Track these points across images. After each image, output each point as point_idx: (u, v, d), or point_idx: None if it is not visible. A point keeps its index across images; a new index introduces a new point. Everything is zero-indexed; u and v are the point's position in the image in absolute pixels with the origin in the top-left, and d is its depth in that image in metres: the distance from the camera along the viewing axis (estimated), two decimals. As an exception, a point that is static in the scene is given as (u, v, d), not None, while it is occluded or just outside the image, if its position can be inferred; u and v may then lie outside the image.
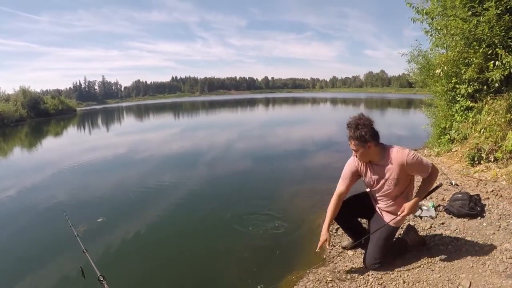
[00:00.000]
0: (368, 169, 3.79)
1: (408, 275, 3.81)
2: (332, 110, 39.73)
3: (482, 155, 6.95)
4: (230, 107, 51.12)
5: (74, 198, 8.03)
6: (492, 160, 6.76)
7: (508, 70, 6.49)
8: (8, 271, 4.98)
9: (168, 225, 6.42)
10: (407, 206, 3.64)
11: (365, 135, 3.41)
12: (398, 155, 3.52)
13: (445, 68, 8.20)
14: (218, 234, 5.84)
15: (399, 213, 3.70)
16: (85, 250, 3.48)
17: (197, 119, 35.35)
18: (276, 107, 49.27)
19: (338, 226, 4.55)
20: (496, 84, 7.06)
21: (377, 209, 4.08)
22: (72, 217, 6.30)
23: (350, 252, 4.53)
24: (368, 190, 4.16)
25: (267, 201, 7.10)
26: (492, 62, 6.80)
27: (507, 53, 6.46)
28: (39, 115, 43.43)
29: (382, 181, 3.72)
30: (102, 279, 2.97)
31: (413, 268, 3.92)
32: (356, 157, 3.68)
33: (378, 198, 3.98)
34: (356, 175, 3.91)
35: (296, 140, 16.20)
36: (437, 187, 4.12)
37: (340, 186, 3.96)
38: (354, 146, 3.54)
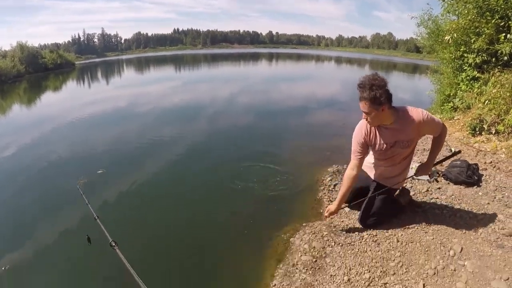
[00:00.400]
0: (378, 135, 3.57)
1: (402, 235, 3.92)
2: (336, 69, 39.28)
3: (483, 126, 6.96)
4: (232, 61, 50.27)
5: (75, 151, 7.99)
6: (493, 132, 6.78)
7: (518, 44, 6.43)
8: (13, 233, 4.83)
9: (169, 178, 6.42)
10: (422, 167, 3.73)
11: (380, 97, 3.14)
12: (414, 114, 3.39)
13: (455, 35, 8.06)
14: (219, 187, 5.90)
15: (414, 174, 3.71)
16: (96, 217, 3.50)
17: (199, 73, 34.67)
18: (279, 62, 48.57)
19: (337, 182, 4.62)
20: (505, 58, 6.97)
21: (377, 176, 4.12)
22: (73, 170, 6.43)
23: (346, 209, 4.62)
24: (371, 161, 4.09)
25: (267, 156, 7.15)
26: (504, 34, 6.70)
27: (519, 28, 6.37)
28: (37, 70, 41.98)
29: (394, 145, 3.56)
30: (114, 244, 3.03)
31: (407, 229, 4.03)
32: (367, 120, 3.41)
33: (382, 164, 3.94)
34: (366, 146, 3.68)
35: (299, 97, 16.09)
36: (456, 153, 4.18)
37: (352, 161, 3.74)
38: (367, 108, 3.25)
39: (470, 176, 4.98)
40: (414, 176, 4.03)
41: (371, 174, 4.16)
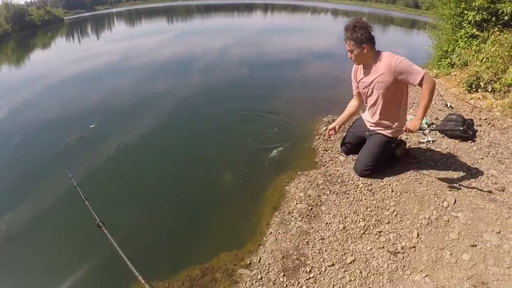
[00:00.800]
0: (361, 72, 3.97)
1: (396, 185, 3.97)
2: (332, 22, 38.40)
3: (480, 83, 6.93)
4: (226, 12, 48.77)
5: (67, 107, 7.75)
6: (489, 90, 6.76)
7: (522, 6, 6.32)
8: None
9: (162, 132, 6.26)
10: (410, 122, 3.64)
11: (361, 36, 3.57)
12: (388, 58, 3.64)
13: (456, -9, 7.93)
14: (213, 138, 5.78)
15: (403, 129, 3.70)
16: (84, 199, 3.49)
17: (192, 25, 33.44)
18: (274, 14, 47.42)
19: (331, 133, 4.63)
20: (506, 17, 6.86)
21: (372, 126, 4.21)
22: (65, 126, 6.30)
23: (341, 158, 4.65)
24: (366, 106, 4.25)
25: (262, 106, 7.08)
26: (506, -6, 6.59)
27: (523, -11, 6.25)
28: (24, 28, 39.68)
29: (371, 84, 3.87)
30: (101, 225, 2.99)
31: (402, 179, 4.08)
32: (351, 58, 3.82)
33: (373, 111, 4.10)
34: (357, 84, 4.15)
35: (294, 49, 15.66)
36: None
37: (354, 95, 4.33)
38: (350, 46, 3.68)
39: (465, 131, 4.99)
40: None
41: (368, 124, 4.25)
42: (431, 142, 4.94)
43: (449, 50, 8.84)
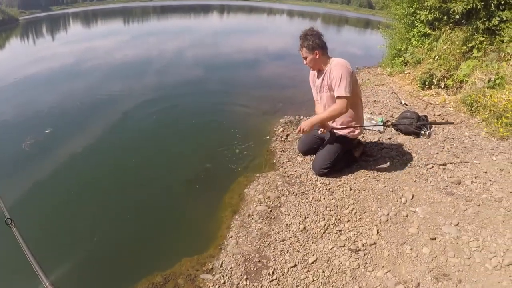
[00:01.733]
0: (316, 76, 4.15)
1: (354, 183, 3.97)
2: (288, 22, 38.79)
3: (433, 80, 7.09)
4: (182, 13, 48.48)
5: (21, 112, 7.22)
6: (442, 86, 6.93)
7: (471, 4, 6.47)
8: None
9: (114, 137, 5.96)
10: (303, 123, 3.88)
11: (312, 43, 3.81)
12: (334, 65, 3.83)
13: (408, -8, 8.12)
14: (168, 144, 5.62)
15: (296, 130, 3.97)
16: None
17: (148, 26, 33.06)
18: (231, 15, 47.49)
19: (289, 132, 4.62)
20: (457, 16, 7.04)
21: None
22: (19, 131, 5.98)
23: (299, 158, 4.63)
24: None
25: (218, 109, 7.00)
26: (457, -6, 6.75)
27: (473, -12, 6.42)
28: None
29: (322, 88, 4.03)
30: (10, 222, 2.72)
31: (359, 177, 4.09)
32: (306, 64, 4.01)
33: (322, 108, 4.18)
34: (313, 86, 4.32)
35: (250, 50, 15.65)
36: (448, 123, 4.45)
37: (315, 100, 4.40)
38: (304, 53, 3.92)
39: (419, 127, 5.07)
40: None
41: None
42: (386, 139, 4.98)
43: (402, 49, 9.03)
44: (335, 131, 4.13)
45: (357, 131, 4.12)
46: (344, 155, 4.19)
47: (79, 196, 4.23)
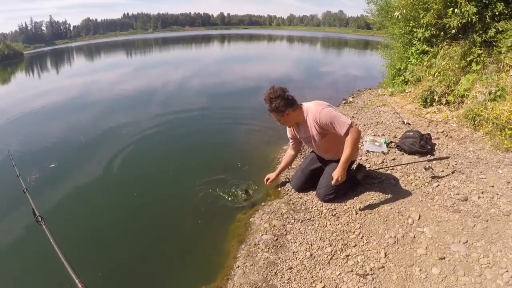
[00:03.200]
0: (298, 130, 4.07)
1: (360, 207, 3.95)
2: (288, 48, 39.27)
3: (434, 97, 7.11)
4: (184, 44, 49.31)
5: (26, 145, 7.39)
6: (444, 103, 6.94)
7: (466, 18, 6.51)
8: None
9: (123, 171, 5.91)
10: (336, 173, 3.73)
11: (279, 106, 3.66)
12: (312, 111, 3.73)
13: (404, 11, 8.15)
14: (174, 173, 5.59)
15: (332, 182, 3.78)
16: (25, 190, 3.30)
17: (151, 58, 33.68)
18: (231, 44, 48.17)
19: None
20: (453, 31, 7.07)
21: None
22: (25, 165, 5.98)
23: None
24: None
25: (223, 137, 7.07)
26: (451, 9, 6.79)
27: (467, 2, 6.45)
28: None
29: (311, 138, 3.94)
30: (40, 219, 2.81)
31: (365, 201, 4.06)
32: (281, 125, 4.01)
33: (322, 153, 4.22)
34: (295, 137, 4.27)
35: (251, 77, 15.86)
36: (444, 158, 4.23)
37: (289, 147, 4.54)
38: (274, 117, 3.83)
39: (423, 146, 5.06)
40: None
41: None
42: (391, 160, 4.96)
43: (402, 68, 9.10)
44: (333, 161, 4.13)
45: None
46: (347, 178, 4.17)
47: (80, 232, 4.20)
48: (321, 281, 2.95)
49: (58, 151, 6.93)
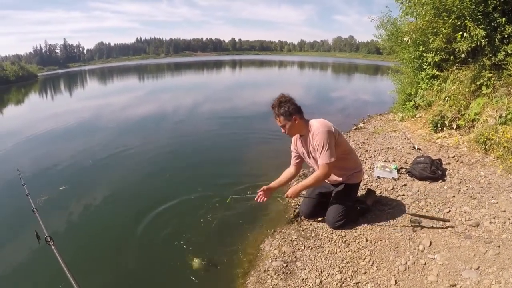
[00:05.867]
0: (299, 143, 4.05)
1: (370, 234, 3.91)
2: (299, 74, 39.54)
3: (445, 122, 7.10)
4: (196, 69, 49.93)
5: (37, 166, 7.52)
6: (454, 127, 6.92)
7: (475, 42, 6.54)
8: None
9: (132, 196, 5.96)
10: (287, 192, 3.95)
11: (288, 109, 3.70)
12: (314, 128, 3.72)
13: (413, 36, 8.21)
14: (184, 197, 5.54)
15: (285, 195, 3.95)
16: (35, 210, 3.34)
17: (163, 82, 34.20)
18: (243, 69, 48.66)
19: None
20: (463, 55, 7.09)
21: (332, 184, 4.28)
22: (34, 187, 6.05)
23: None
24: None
25: (232, 162, 7.13)
26: (460, 33, 6.83)
27: (475, 26, 6.49)
28: None
29: (310, 154, 3.93)
30: (49, 239, 2.83)
31: (375, 227, 4.02)
32: (285, 133, 3.88)
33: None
34: (297, 154, 4.20)
35: (262, 102, 16.02)
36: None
37: (291, 163, 4.32)
38: (281, 121, 3.78)
39: (434, 171, 5.03)
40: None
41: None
42: (401, 186, 4.94)
43: (412, 93, 9.13)
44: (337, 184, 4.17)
45: (355, 175, 4.12)
46: (356, 203, 4.15)
47: (88, 253, 4.23)
48: (331, 309, 2.92)
49: (69, 174, 7.03)
